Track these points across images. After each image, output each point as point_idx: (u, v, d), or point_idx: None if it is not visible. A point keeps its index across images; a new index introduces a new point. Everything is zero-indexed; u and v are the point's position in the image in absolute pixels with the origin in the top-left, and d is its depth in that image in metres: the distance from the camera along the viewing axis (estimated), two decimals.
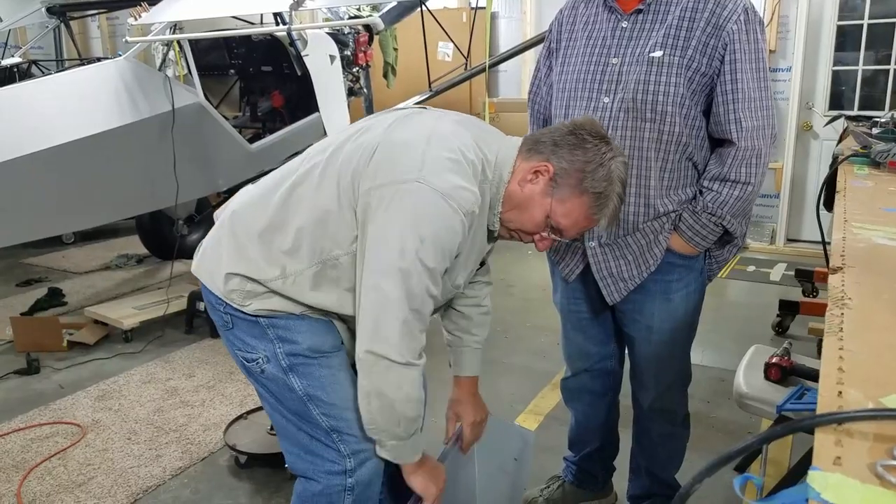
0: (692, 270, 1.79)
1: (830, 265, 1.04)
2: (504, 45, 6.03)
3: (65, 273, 4.94)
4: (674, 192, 1.71)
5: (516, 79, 6.04)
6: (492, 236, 1.48)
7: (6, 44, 5.76)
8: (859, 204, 1.47)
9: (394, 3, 4.27)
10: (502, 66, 5.83)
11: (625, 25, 1.68)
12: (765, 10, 4.94)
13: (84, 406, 2.96)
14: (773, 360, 2.02)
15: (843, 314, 0.90)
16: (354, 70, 4.41)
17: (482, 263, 1.63)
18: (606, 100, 1.68)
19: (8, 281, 4.76)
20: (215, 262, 1.43)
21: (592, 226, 1.43)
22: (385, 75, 5.65)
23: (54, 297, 4.26)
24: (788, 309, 3.67)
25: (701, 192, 1.71)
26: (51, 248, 5.44)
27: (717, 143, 1.70)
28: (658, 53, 1.62)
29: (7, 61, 4.13)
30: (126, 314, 3.70)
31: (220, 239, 1.45)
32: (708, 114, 1.67)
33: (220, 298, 1.42)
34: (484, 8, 5.76)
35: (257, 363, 1.43)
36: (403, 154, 1.30)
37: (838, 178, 1.71)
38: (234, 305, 1.41)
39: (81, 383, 3.19)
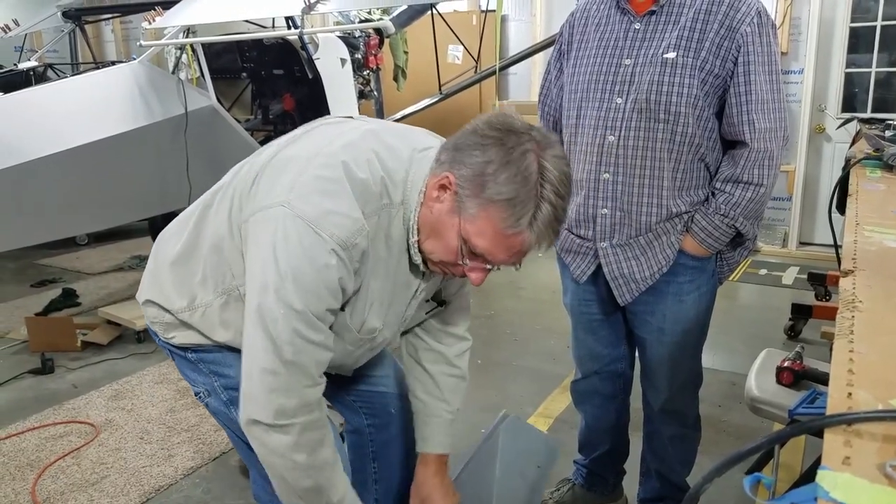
0: (704, 272, 1.79)
1: (842, 268, 1.04)
2: (514, 48, 6.03)
3: (78, 274, 4.99)
4: (686, 193, 1.71)
5: (526, 81, 6.04)
6: (427, 272, 1.26)
7: (22, 47, 5.84)
8: (871, 207, 1.47)
9: (404, 7, 4.28)
10: (512, 69, 5.84)
11: (637, 27, 1.69)
12: (776, 11, 4.92)
13: (97, 406, 2.99)
14: (786, 363, 2.01)
15: (853, 317, 0.90)
16: (365, 73, 4.43)
17: (441, 303, 1.42)
18: (619, 100, 1.68)
19: (23, 281, 4.81)
20: (140, 289, 1.36)
21: (525, 246, 1.12)
22: (395, 78, 5.66)
23: (68, 298, 4.30)
24: (801, 313, 3.64)
25: (713, 194, 1.71)
26: (65, 250, 5.49)
27: (730, 144, 1.70)
28: (671, 55, 1.62)
29: (23, 65, 4.18)
30: (139, 315, 3.70)
31: (148, 265, 1.37)
32: (720, 116, 1.68)
33: (149, 328, 1.37)
34: (494, 11, 5.78)
35: (200, 396, 1.35)
36: (282, 174, 1.13)
37: (850, 181, 1.71)
38: (160, 337, 1.32)
39: (95, 383, 3.22)
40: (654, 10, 1.67)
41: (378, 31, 4.32)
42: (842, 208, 2.30)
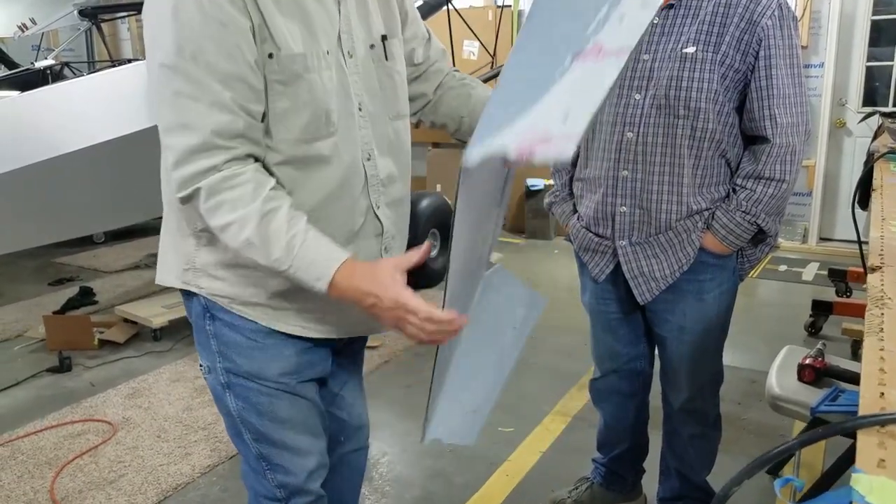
0: (725, 270, 1.76)
1: (869, 264, 1.02)
2: None
3: (96, 272, 5.02)
4: (707, 189, 1.69)
5: None
6: None
7: (39, 46, 5.89)
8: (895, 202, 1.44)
9: (420, 2, 4.27)
10: None
11: (656, 21, 1.66)
12: (797, 4, 4.86)
13: (114, 404, 3.00)
14: (807, 361, 1.98)
15: (882, 314, 0.87)
16: None
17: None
18: (638, 96, 1.66)
19: (41, 280, 4.85)
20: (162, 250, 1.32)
21: None
22: None
23: (85, 296, 4.33)
24: (821, 309, 3.60)
25: (734, 191, 1.68)
26: (82, 248, 5.53)
27: (750, 140, 1.67)
28: (691, 49, 1.59)
29: (40, 63, 4.21)
30: (155, 313, 3.74)
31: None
32: (741, 111, 1.65)
33: (182, 290, 1.30)
34: (510, 6, 5.76)
35: (202, 368, 1.34)
36: None
37: (874, 176, 1.67)
38: (190, 289, 1.26)
39: (112, 381, 3.23)
40: (672, 3, 1.64)
41: None
42: (864, 204, 2.27)
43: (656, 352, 1.97)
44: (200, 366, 1.35)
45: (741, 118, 1.65)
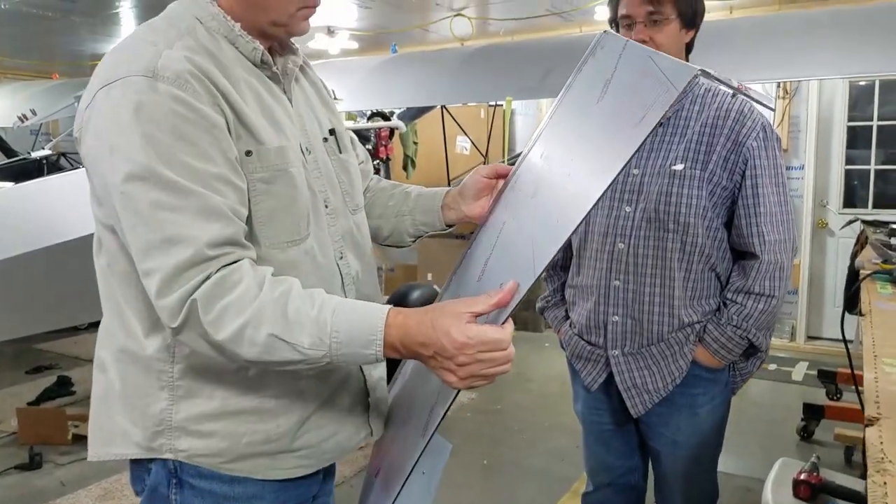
0: (717, 383, 1.74)
1: (866, 415, 0.98)
2: (520, 140, 6.16)
3: (76, 360, 4.91)
4: (698, 302, 1.69)
5: None
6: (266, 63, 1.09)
7: (38, 131, 5.97)
8: (887, 332, 1.42)
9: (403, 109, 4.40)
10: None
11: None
12: (775, 109, 5.04)
13: None
14: (802, 476, 1.95)
15: (885, 483, 0.81)
16: (375, 163, 4.50)
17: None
18: (628, 209, 1.68)
19: (18, 367, 4.73)
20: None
21: None
22: (405, 167, 5.75)
23: (62, 387, 4.21)
24: (813, 414, 3.55)
25: (725, 304, 1.68)
26: (64, 334, 5.41)
27: (739, 255, 1.69)
28: (679, 167, 1.63)
29: (37, 153, 4.25)
30: None
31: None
32: (729, 226, 1.67)
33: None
34: (502, 105, 5.93)
35: None
36: None
37: (862, 298, 1.68)
38: (162, 456, 1.05)
39: (83, 481, 3.09)
40: (661, 122, 1.69)
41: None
42: (850, 307, 2.28)
43: (650, 465, 1.92)
44: None
45: (729, 233, 1.68)
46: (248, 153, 1.01)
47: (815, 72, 2.91)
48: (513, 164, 1.21)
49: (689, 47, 1.71)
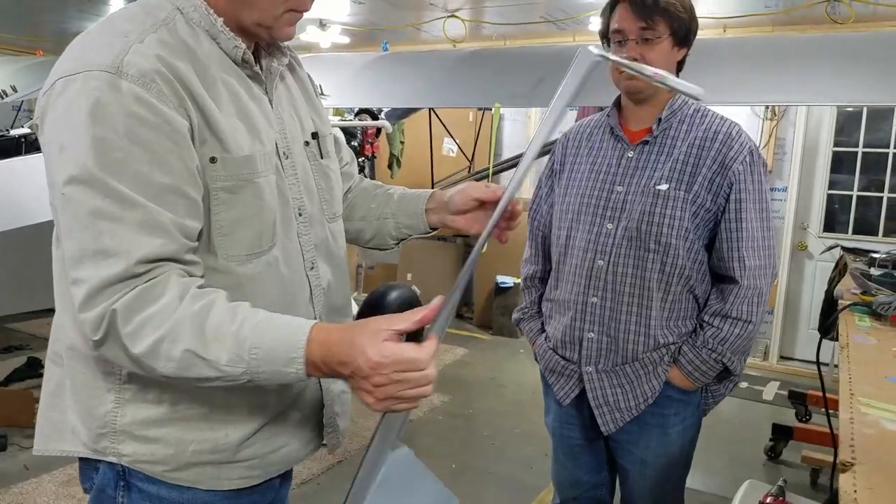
0: (689, 405, 1.74)
1: (839, 458, 0.97)
2: (507, 145, 6.16)
3: (47, 341, 4.82)
4: (674, 323, 1.69)
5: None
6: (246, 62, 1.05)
7: (20, 108, 5.87)
8: (863, 368, 1.42)
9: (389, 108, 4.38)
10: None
11: (630, 155, 1.70)
12: (762, 131, 5.08)
13: (47, 492, 2.82)
14: (768, 500, 1.95)
15: None
16: (360, 160, 4.47)
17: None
18: (610, 226, 1.68)
19: None
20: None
21: None
22: (390, 166, 5.73)
23: (32, 368, 4.14)
24: (781, 434, 3.58)
25: (701, 327, 1.68)
26: (37, 315, 5.33)
27: (718, 278, 1.69)
28: (664, 187, 1.63)
29: (15, 131, 4.17)
30: None
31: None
32: (709, 248, 1.67)
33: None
34: (490, 109, 5.92)
35: None
36: None
37: (840, 330, 1.69)
38: (106, 458, 1.02)
39: (48, 465, 3.04)
40: (647, 140, 1.69)
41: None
42: (826, 333, 2.30)
43: (617, 482, 1.92)
44: None
45: (710, 256, 1.68)
46: (213, 160, 0.97)
47: (807, 98, 2.90)
48: (498, 170, 1.20)
49: (680, 65, 1.71)
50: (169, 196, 0.91)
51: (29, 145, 3.96)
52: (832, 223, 5.15)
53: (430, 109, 4.83)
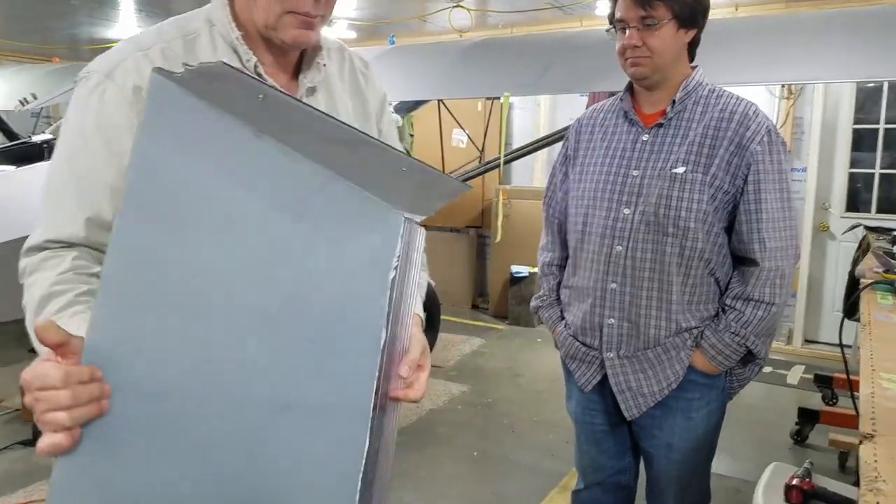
0: (714, 389, 1.73)
1: (861, 430, 0.96)
2: (517, 134, 6.12)
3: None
4: (696, 307, 1.68)
5: (528, 167, 6.11)
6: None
7: (39, 115, 5.94)
8: (885, 345, 1.40)
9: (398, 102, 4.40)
10: None
11: (645, 139, 1.68)
12: (779, 111, 5.01)
13: None
14: (794, 481, 1.93)
15: (878, 503, 0.80)
16: None
17: None
18: (627, 211, 1.67)
19: (22, 346, 4.72)
20: None
21: None
22: None
23: None
24: (807, 418, 3.55)
25: (723, 310, 1.67)
26: None
27: (739, 260, 1.68)
28: (680, 170, 1.61)
29: (37, 137, 4.22)
30: None
31: None
32: (729, 230, 1.65)
33: None
34: (499, 98, 5.91)
35: None
36: None
37: (861, 308, 1.67)
38: None
39: None
40: (662, 122, 1.67)
41: None
42: (850, 314, 2.26)
43: (641, 466, 1.92)
44: None
45: (730, 238, 1.66)
46: None
47: (823, 74, 2.84)
48: (509, 159, 1.14)
49: (693, 45, 1.69)
50: (106, 192, 0.98)
51: (51, 151, 4.01)
52: (855, 203, 5.07)
53: (438, 101, 4.82)
